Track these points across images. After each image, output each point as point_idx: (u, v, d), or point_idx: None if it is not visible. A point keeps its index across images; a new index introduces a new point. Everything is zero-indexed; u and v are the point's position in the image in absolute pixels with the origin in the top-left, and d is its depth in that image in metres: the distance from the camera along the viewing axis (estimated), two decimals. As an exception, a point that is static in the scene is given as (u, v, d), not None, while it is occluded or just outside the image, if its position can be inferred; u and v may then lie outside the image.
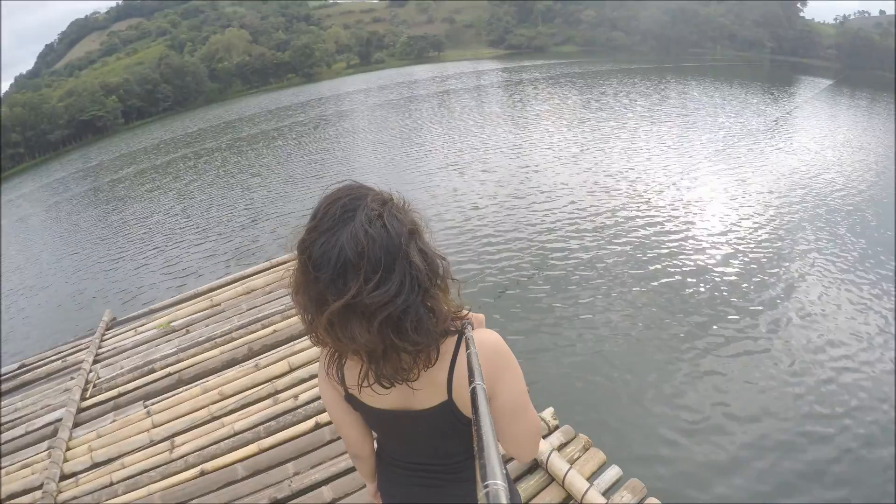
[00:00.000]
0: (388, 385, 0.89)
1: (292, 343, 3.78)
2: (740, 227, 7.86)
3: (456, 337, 0.94)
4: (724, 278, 6.26)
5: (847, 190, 9.96)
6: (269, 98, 46.47)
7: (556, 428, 2.69)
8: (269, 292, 4.67)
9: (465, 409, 0.92)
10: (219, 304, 4.67)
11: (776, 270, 6.48)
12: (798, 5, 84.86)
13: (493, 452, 0.53)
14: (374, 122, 21.43)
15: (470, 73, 40.76)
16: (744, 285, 6.10)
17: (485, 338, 0.91)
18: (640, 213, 8.25)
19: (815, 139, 15.36)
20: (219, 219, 10.33)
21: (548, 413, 2.79)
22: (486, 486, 0.47)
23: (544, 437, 2.63)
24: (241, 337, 3.97)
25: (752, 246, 7.17)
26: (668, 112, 19.41)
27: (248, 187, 12.67)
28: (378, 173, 11.59)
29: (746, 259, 6.76)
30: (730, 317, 5.44)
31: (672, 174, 10.49)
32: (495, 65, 51.08)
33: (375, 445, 1.22)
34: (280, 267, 5.03)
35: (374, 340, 0.79)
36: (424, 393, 0.94)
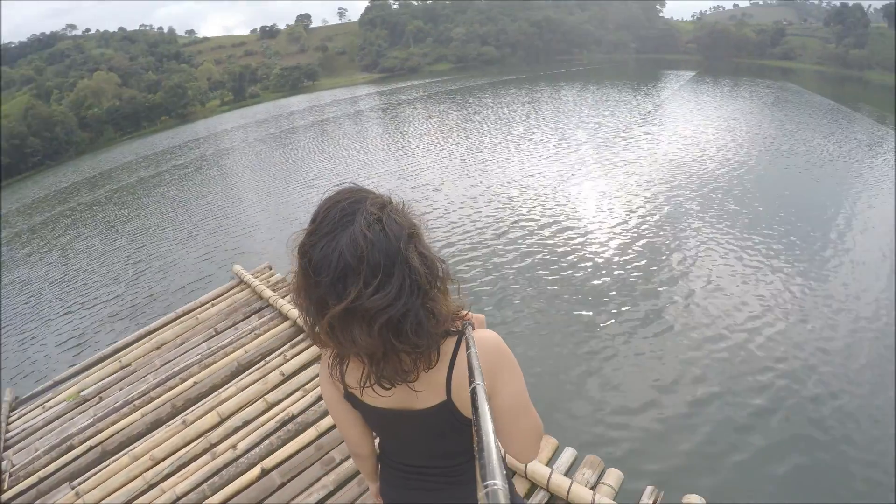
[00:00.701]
0: (389, 386, 0.97)
1: (217, 392, 3.91)
2: (635, 214, 8.89)
3: (456, 337, 1.02)
4: (630, 265, 7.10)
5: (726, 167, 11.93)
6: (144, 143, 46.78)
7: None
8: (182, 343, 4.77)
9: (464, 408, 1.00)
10: (129, 365, 4.68)
11: (676, 249, 7.53)
12: (657, 6, 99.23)
13: (493, 452, 0.57)
14: (258, 157, 21.66)
15: (347, 100, 42.72)
16: (651, 268, 6.94)
17: (485, 338, 1.00)
18: (538, 216, 9.07)
19: (688, 126, 18.07)
20: (110, 275, 10.42)
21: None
22: (486, 487, 0.51)
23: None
24: (160, 395, 4.05)
25: (651, 231, 8.19)
26: (548, 117, 21.74)
27: (133, 239, 12.89)
28: (270, 211, 11.71)
29: (647, 243, 7.72)
30: (641, 299, 6.16)
31: (562, 175, 11.63)
32: (371, 89, 54.13)
33: (377, 447, 1.31)
34: (187, 316, 5.16)
35: (375, 343, 0.87)
36: (423, 393, 1.02)
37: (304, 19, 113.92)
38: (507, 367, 1.00)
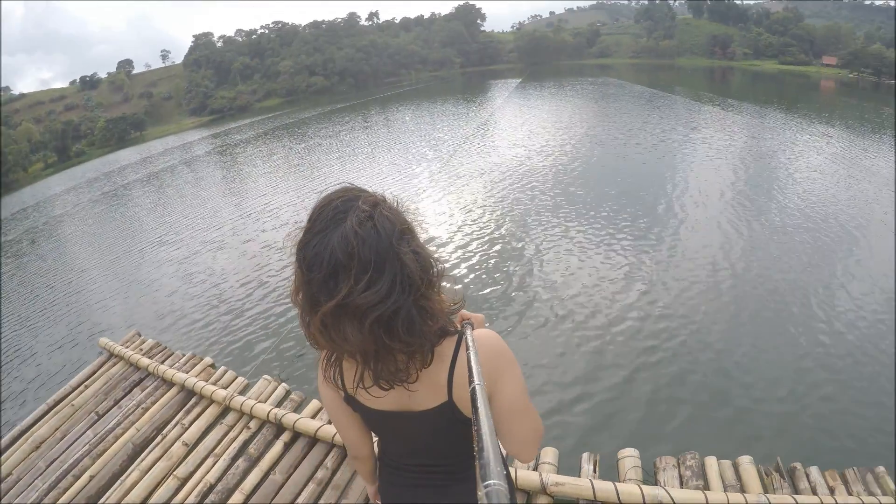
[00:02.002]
0: (387, 387, 1.00)
1: (119, 481, 3.69)
2: (492, 220, 9.63)
3: (456, 337, 1.07)
4: (494, 265, 7.67)
5: (567, 161, 13.69)
6: (-39, 225, 38.85)
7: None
8: (63, 436, 4.41)
9: (466, 409, 1.05)
10: (10, 474, 4.26)
11: (535, 241, 8.35)
12: (478, 21, 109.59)
13: (492, 452, 0.60)
14: (96, 220, 19.73)
15: (180, 148, 40.61)
16: (511, 265, 7.55)
17: (484, 338, 1.05)
18: None
19: (525, 129, 19.88)
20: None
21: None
22: (486, 486, 0.53)
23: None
24: (55, 501, 3.74)
25: (508, 231, 8.95)
26: (391, 138, 22.42)
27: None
28: (122, 276, 10.91)
29: (505, 244, 8.40)
30: (513, 298, 6.65)
31: (416, 193, 12.15)
32: (203, 133, 52.28)
33: (376, 447, 1.35)
34: (62, 404, 4.83)
35: (367, 341, 0.90)
36: (424, 394, 1.06)
37: (125, 66, 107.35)
38: (507, 367, 1.04)
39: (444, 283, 1.02)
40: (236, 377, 4.65)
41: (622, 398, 4.68)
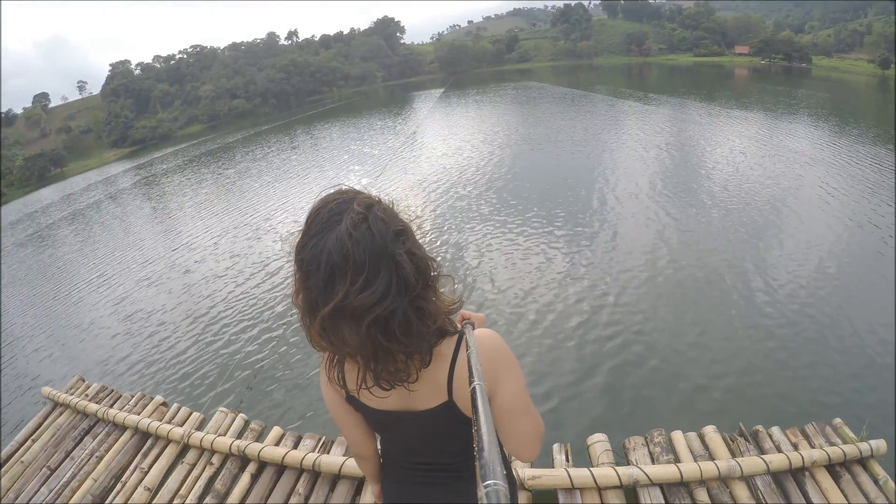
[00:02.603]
0: (388, 387, 1.03)
1: None
2: (430, 230, 9.77)
3: (456, 337, 1.09)
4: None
5: (500, 164, 14.46)
6: None
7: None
8: (17, 497, 4.18)
9: (466, 409, 1.06)
10: None
11: (477, 247, 8.63)
12: (397, 34, 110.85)
13: (493, 452, 0.60)
14: (22, 265, 18.23)
15: (103, 182, 38.83)
16: (452, 274, 7.56)
17: (485, 338, 1.07)
18: None
19: (454, 138, 20.24)
20: None
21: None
22: (486, 486, 0.54)
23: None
24: None
25: (452, 240, 9.15)
26: (320, 156, 22.24)
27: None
28: (57, 321, 10.27)
29: (449, 253, 8.57)
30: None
31: None
32: (126, 165, 50.41)
33: (379, 446, 1.38)
34: (10, 463, 4.58)
35: (365, 343, 0.92)
36: (425, 393, 1.08)
37: (41, 99, 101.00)
38: (508, 366, 1.07)
39: (443, 284, 1.04)
40: (191, 413, 4.46)
41: (583, 388, 4.82)
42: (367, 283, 0.88)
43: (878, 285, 6.53)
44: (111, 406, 4.70)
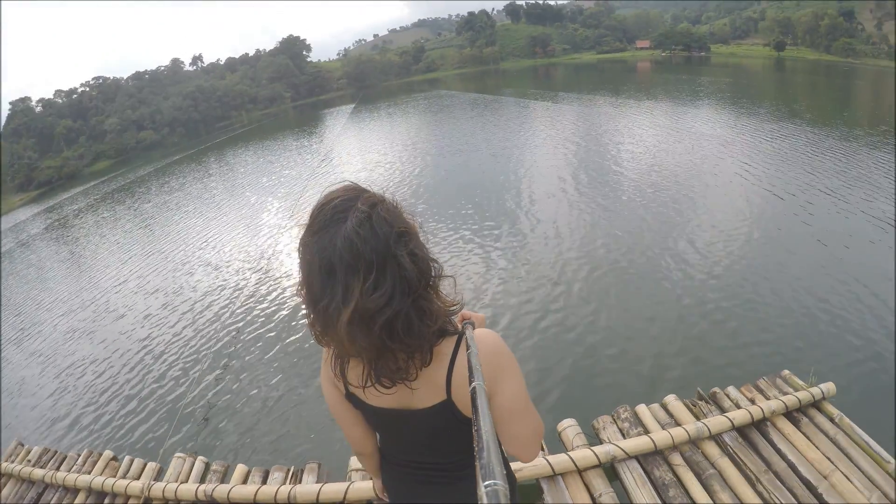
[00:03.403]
0: (390, 385, 1.04)
1: None
2: None
3: (456, 337, 1.10)
4: None
5: (420, 174, 14.65)
6: None
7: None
8: None
9: (465, 408, 1.08)
10: None
11: None
12: (304, 53, 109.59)
13: (493, 452, 0.61)
14: None
15: (11, 229, 35.52)
16: None
17: (484, 337, 1.08)
18: (270, 280, 9.30)
19: (371, 152, 20.31)
20: None
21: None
22: (486, 486, 0.54)
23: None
24: None
25: None
26: (238, 183, 21.68)
27: None
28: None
29: None
30: None
31: (274, 236, 11.92)
32: (34, 209, 46.61)
33: (379, 443, 1.41)
34: None
35: (374, 343, 0.94)
36: (424, 392, 1.10)
37: None
38: (507, 366, 1.08)
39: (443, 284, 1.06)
40: (146, 464, 4.20)
41: (546, 380, 4.96)
42: (376, 284, 0.90)
43: (799, 249, 7.23)
44: (58, 469, 4.37)
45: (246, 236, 12.60)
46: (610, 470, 3.11)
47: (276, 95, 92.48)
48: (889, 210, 8.33)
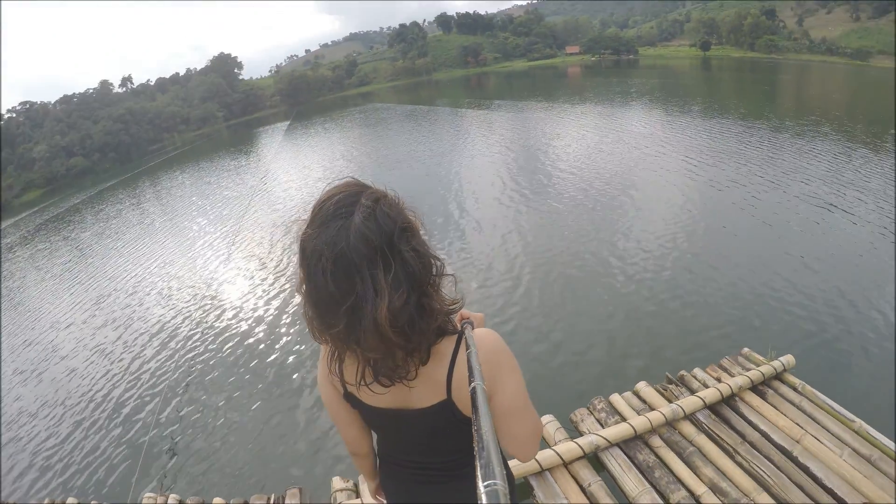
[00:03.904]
0: (388, 383, 1.04)
1: None
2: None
3: (455, 337, 1.10)
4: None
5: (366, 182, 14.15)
6: None
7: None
8: None
9: (465, 408, 1.08)
10: None
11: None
12: (235, 70, 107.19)
13: (492, 452, 0.61)
14: None
15: None
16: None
17: (484, 337, 1.08)
18: (219, 305, 9.09)
19: (309, 169, 20.17)
20: None
21: None
22: (486, 486, 0.54)
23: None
24: None
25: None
26: (177, 206, 21.06)
27: None
28: None
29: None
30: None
31: (220, 258, 11.65)
32: None
33: (375, 444, 1.41)
34: None
35: (375, 340, 0.92)
36: (423, 392, 1.09)
37: None
38: (507, 366, 1.08)
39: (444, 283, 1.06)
40: None
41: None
42: (375, 280, 0.90)
43: (742, 235, 7.77)
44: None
45: (191, 261, 12.29)
46: (594, 460, 3.21)
47: (209, 115, 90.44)
48: (823, 192, 9.22)
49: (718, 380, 3.71)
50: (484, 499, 0.52)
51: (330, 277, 0.90)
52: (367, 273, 0.89)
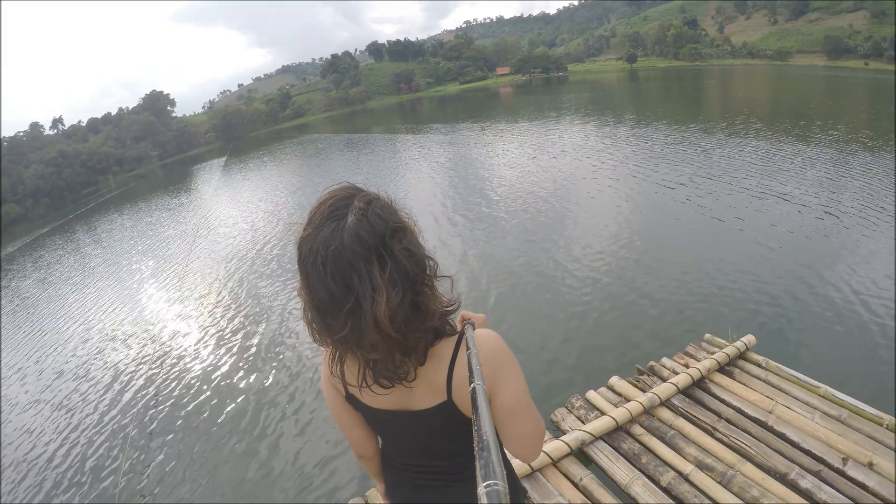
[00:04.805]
0: (388, 385, 1.05)
1: None
2: (271, 295, 9.55)
3: (455, 337, 1.11)
4: (268, 350, 7.60)
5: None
6: None
7: None
8: None
9: (465, 409, 1.09)
10: None
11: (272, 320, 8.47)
12: (168, 108, 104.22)
13: (493, 452, 0.61)
14: None
15: None
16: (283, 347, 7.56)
17: (485, 338, 1.08)
18: (173, 345, 8.90)
19: (252, 202, 19.95)
20: None
21: None
22: (486, 487, 0.54)
23: None
24: None
25: (269, 310, 8.90)
26: (119, 248, 20.33)
27: None
28: None
29: (273, 324, 8.36)
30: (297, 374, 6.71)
31: (168, 295, 11.32)
32: None
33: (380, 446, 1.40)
34: None
35: (374, 340, 0.94)
36: (424, 393, 1.10)
37: None
38: (508, 366, 1.08)
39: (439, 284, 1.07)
40: None
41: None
42: (379, 280, 0.92)
43: (690, 231, 8.29)
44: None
45: (139, 305, 11.93)
46: (581, 455, 3.28)
47: (143, 155, 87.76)
48: (767, 184, 10.04)
49: (686, 366, 3.88)
50: (484, 499, 0.53)
51: (329, 278, 0.92)
52: (364, 271, 0.91)
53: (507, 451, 1.23)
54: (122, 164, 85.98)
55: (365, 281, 0.91)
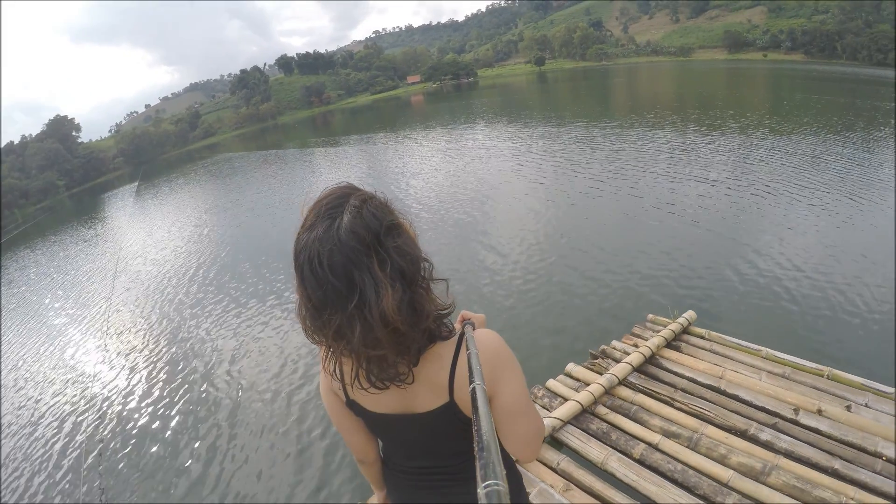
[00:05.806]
0: (382, 386, 1.04)
1: None
2: (170, 342, 8.92)
3: (456, 338, 1.11)
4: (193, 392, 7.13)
5: (219, 244, 14.09)
6: None
7: None
8: None
9: (467, 409, 1.08)
10: None
11: (220, 337, 8.30)
12: (73, 133, 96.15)
13: (493, 453, 0.62)
14: None
15: None
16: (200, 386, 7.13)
17: (485, 338, 1.09)
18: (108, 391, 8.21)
19: (173, 227, 19.15)
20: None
21: None
22: (486, 487, 0.55)
23: None
24: None
25: (190, 343, 8.53)
26: (36, 287, 18.93)
27: None
28: None
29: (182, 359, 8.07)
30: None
31: (99, 348, 10.66)
32: None
33: (381, 450, 1.40)
34: None
35: (367, 339, 0.93)
36: (425, 395, 1.10)
37: None
38: (508, 367, 1.08)
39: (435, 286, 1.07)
40: None
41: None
42: (380, 275, 0.92)
43: (621, 220, 8.78)
44: None
45: (62, 352, 11.22)
46: (553, 441, 3.42)
47: (49, 185, 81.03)
48: (696, 171, 10.84)
49: (636, 346, 4.13)
50: (484, 499, 0.53)
51: (330, 274, 0.91)
52: (364, 266, 0.91)
53: (507, 452, 1.21)
54: (28, 197, 79.81)
55: (366, 276, 0.91)
